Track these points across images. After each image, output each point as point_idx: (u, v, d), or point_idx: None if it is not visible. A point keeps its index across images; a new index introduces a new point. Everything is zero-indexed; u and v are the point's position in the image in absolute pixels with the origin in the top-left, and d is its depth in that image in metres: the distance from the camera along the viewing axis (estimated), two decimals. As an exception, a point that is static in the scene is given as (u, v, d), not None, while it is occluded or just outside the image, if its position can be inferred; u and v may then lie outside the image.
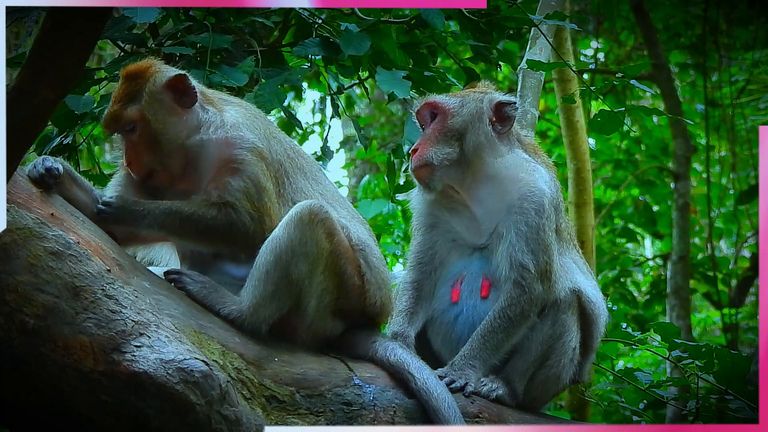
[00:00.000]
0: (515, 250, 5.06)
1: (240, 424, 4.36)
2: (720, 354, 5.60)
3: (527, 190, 5.13)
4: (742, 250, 16.38)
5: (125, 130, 4.85)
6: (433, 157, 5.16)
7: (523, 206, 5.10)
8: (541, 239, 5.06)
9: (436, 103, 5.28)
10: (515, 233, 5.07)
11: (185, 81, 4.88)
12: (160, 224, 4.75)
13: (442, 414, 4.67)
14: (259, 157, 4.83)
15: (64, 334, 4.20)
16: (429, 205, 5.32)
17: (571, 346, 5.16)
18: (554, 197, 5.18)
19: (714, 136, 15.09)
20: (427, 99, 5.33)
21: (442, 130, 5.22)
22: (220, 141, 4.83)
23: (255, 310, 4.66)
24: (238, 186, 4.77)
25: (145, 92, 4.83)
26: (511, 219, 5.10)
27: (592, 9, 13.98)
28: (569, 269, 5.23)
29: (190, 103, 4.89)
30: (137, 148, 4.84)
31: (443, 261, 5.26)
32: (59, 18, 3.78)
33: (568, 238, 5.38)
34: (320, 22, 6.48)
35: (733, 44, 14.54)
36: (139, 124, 4.82)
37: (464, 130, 5.21)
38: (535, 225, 5.07)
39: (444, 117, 5.24)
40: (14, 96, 3.85)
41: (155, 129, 4.82)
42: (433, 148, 5.18)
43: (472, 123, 5.22)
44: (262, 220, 4.80)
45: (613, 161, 14.92)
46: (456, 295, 5.17)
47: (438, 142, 5.20)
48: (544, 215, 5.09)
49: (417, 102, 5.41)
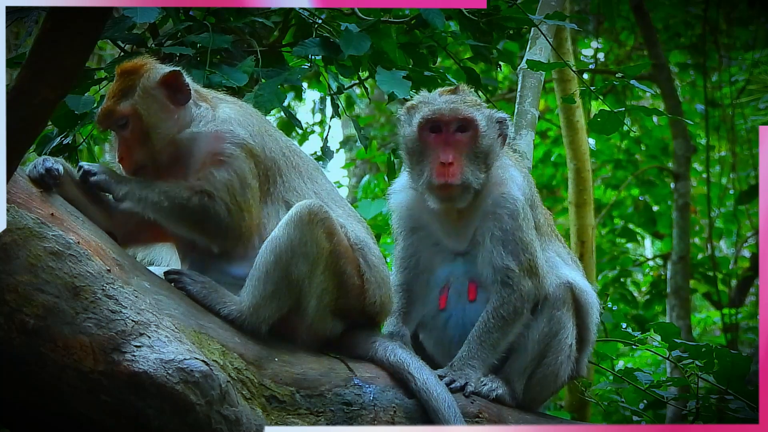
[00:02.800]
0: (494, 255, 5.07)
1: (240, 424, 4.36)
2: (720, 354, 5.60)
3: (500, 196, 5.13)
4: (742, 250, 16.38)
5: (118, 125, 4.85)
6: (472, 181, 5.06)
7: (497, 212, 5.10)
8: (519, 239, 5.07)
9: (473, 119, 5.10)
10: (491, 239, 5.08)
11: (180, 78, 4.89)
12: (139, 193, 4.72)
13: (442, 414, 4.67)
14: (248, 153, 4.82)
15: (64, 334, 4.20)
16: (409, 208, 5.30)
17: (567, 343, 5.17)
18: (528, 197, 5.19)
19: (714, 136, 15.09)
20: (461, 108, 5.12)
21: (475, 150, 5.10)
22: (210, 135, 4.83)
23: (255, 310, 4.66)
24: (221, 177, 4.76)
25: (138, 88, 4.84)
26: (485, 225, 5.11)
27: (592, 9, 13.98)
28: (554, 264, 5.25)
29: (183, 100, 4.89)
30: (129, 143, 4.84)
31: (428, 266, 5.26)
32: (59, 18, 3.77)
33: (549, 231, 5.39)
34: (320, 22, 6.48)
35: (733, 44, 14.54)
36: (131, 119, 4.82)
37: (489, 150, 5.14)
38: (511, 228, 5.07)
39: (476, 135, 5.11)
40: (14, 96, 3.85)
41: (147, 124, 4.82)
42: (469, 168, 5.07)
43: (493, 145, 5.16)
44: (240, 216, 4.78)
45: (613, 161, 14.92)
46: (443, 302, 5.19)
47: (471, 162, 5.08)
48: (519, 218, 5.09)
49: (439, 102, 5.16)
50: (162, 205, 4.73)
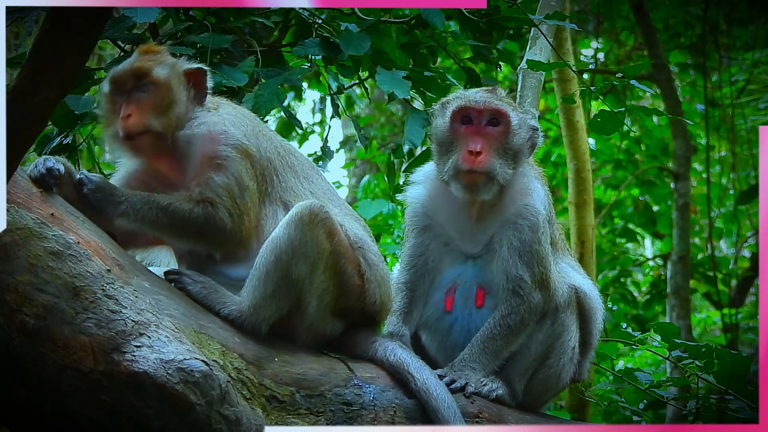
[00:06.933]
0: (509, 264, 5.06)
1: (240, 424, 4.36)
2: (720, 354, 5.60)
3: (523, 206, 5.12)
4: (742, 250, 16.38)
5: (139, 87, 4.79)
6: (498, 173, 5.04)
7: (518, 222, 5.09)
8: (536, 251, 5.06)
9: (506, 113, 5.10)
10: (508, 248, 5.07)
11: (204, 76, 4.91)
12: (136, 212, 4.68)
13: (441, 414, 4.68)
14: (244, 154, 4.81)
15: (64, 334, 4.20)
16: (424, 205, 5.27)
17: (570, 346, 5.17)
18: (548, 212, 5.19)
19: (714, 136, 15.09)
20: (495, 102, 5.11)
21: (505, 146, 5.09)
22: (204, 136, 4.81)
23: (255, 310, 4.66)
24: (221, 182, 4.75)
25: (170, 64, 4.86)
26: (504, 234, 5.10)
27: (592, 9, 13.99)
28: (565, 273, 5.25)
29: (200, 99, 4.89)
30: (143, 106, 4.77)
31: (436, 266, 5.24)
32: (59, 18, 3.77)
33: (562, 246, 5.41)
34: (320, 22, 6.48)
35: (733, 44, 14.54)
36: (160, 87, 4.78)
37: (518, 150, 5.13)
38: (530, 240, 5.06)
39: (507, 131, 5.10)
40: (14, 96, 3.85)
41: (173, 98, 4.80)
42: (498, 161, 5.06)
43: (523, 147, 5.16)
44: (240, 219, 4.77)
45: (613, 161, 14.91)
46: (449, 304, 5.17)
47: (500, 156, 5.07)
48: (539, 231, 5.08)
49: (473, 95, 5.15)
50: (161, 222, 4.70)
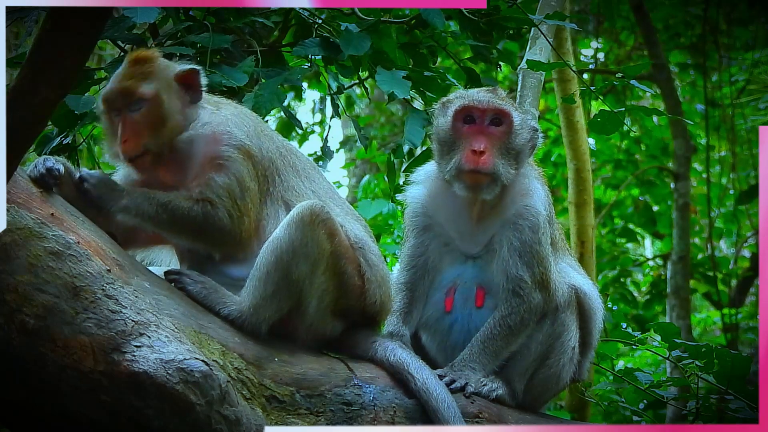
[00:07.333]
0: (509, 265, 5.06)
1: (240, 424, 4.36)
2: (720, 354, 5.60)
3: (523, 207, 5.12)
4: (742, 250, 16.38)
5: (129, 105, 4.77)
6: (501, 173, 5.04)
7: (518, 223, 5.09)
8: (536, 252, 5.06)
9: (508, 113, 5.10)
10: (508, 249, 5.07)
11: (197, 76, 4.89)
12: (137, 207, 4.67)
13: (441, 414, 4.67)
14: (245, 155, 4.81)
15: (64, 334, 4.20)
16: (424, 205, 5.27)
17: (570, 345, 5.17)
18: (548, 212, 5.19)
19: (714, 136, 15.09)
20: (498, 102, 5.11)
21: (507, 146, 5.09)
22: (207, 137, 4.80)
23: (255, 311, 4.66)
24: (222, 182, 4.74)
25: (158, 75, 4.81)
26: (504, 234, 5.10)
27: (592, 9, 13.99)
28: (565, 273, 5.25)
29: (195, 100, 4.88)
30: (137, 127, 4.76)
31: (436, 266, 5.23)
32: (59, 18, 3.77)
33: (562, 246, 5.41)
34: (320, 22, 6.48)
35: (733, 44, 14.54)
36: (149, 103, 4.76)
37: (520, 150, 5.13)
38: (530, 240, 5.06)
39: (509, 130, 5.10)
40: (14, 96, 3.85)
41: (165, 111, 4.78)
42: (501, 161, 5.05)
43: (524, 147, 5.16)
44: (240, 220, 4.76)
45: (613, 161, 14.92)
46: (449, 305, 5.17)
47: (502, 156, 5.07)
48: (539, 232, 5.08)
49: (475, 95, 5.15)
50: (161, 218, 4.69)
